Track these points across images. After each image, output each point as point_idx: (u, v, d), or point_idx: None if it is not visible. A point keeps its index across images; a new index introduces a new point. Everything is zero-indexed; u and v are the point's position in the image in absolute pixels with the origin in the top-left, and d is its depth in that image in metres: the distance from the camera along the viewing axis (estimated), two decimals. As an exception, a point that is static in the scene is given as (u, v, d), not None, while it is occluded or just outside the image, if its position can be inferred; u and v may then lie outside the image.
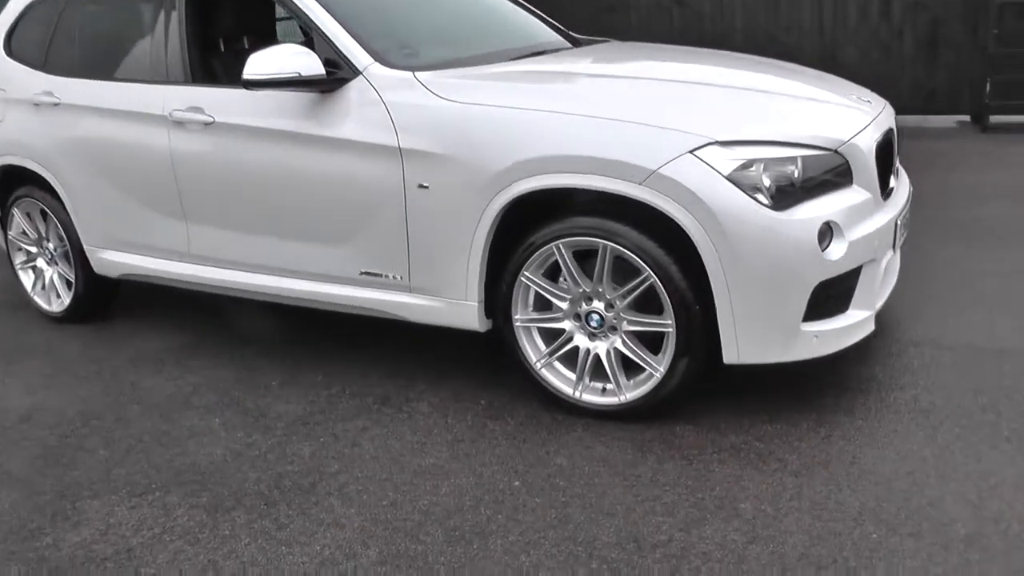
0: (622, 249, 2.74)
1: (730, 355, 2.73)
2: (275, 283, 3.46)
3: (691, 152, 2.62)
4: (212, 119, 3.36)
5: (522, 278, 2.94)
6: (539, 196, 2.86)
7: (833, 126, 2.87)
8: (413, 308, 3.20)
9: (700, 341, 2.76)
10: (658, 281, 2.72)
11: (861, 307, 2.85)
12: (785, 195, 2.65)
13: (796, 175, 2.67)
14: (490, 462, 2.77)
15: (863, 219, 2.82)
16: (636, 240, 2.72)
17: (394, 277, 3.19)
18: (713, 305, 2.70)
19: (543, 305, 3.04)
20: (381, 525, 2.48)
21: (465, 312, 3.09)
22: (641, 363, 2.86)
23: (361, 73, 3.11)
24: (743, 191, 2.60)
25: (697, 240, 2.63)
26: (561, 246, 2.84)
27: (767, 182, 2.64)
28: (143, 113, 3.54)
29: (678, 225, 2.67)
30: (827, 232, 2.68)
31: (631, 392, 2.90)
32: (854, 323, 2.82)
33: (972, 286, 3.96)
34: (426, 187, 2.99)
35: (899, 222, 3.05)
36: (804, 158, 2.70)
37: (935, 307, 3.72)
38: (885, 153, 3.06)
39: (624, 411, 2.92)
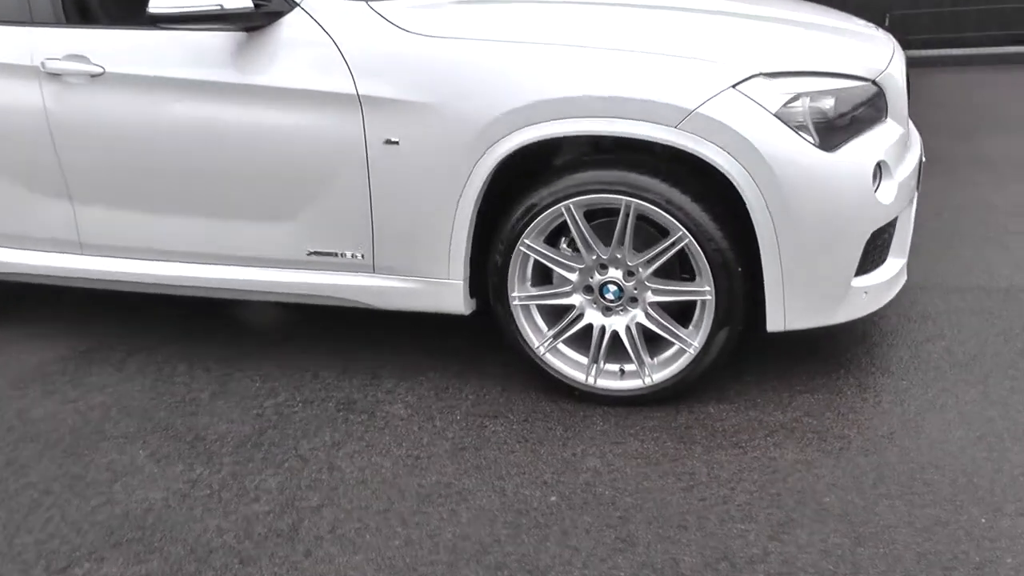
0: (650, 206, 2.30)
1: (775, 322, 2.36)
2: (194, 273, 2.80)
3: (734, 87, 2.20)
4: (101, 69, 2.62)
5: (521, 248, 2.45)
6: (539, 149, 2.37)
7: (868, 55, 2.52)
8: (379, 292, 2.64)
9: (741, 308, 2.37)
10: (694, 241, 2.30)
11: (897, 255, 2.55)
12: (830, 132, 2.28)
13: (841, 109, 2.30)
14: (509, 473, 2.29)
15: (902, 157, 2.51)
16: (666, 194, 2.29)
17: (353, 256, 2.61)
18: (753, 266, 2.32)
19: (540, 278, 2.57)
20: (403, 575, 1.96)
21: (447, 293, 2.57)
22: (671, 338, 2.44)
23: (298, 5, 2.47)
24: (792, 130, 2.21)
25: (744, 190, 2.22)
26: (572, 207, 2.36)
27: (813, 118, 2.26)
28: (2, 64, 2.74)
29: (712, 175, 2.26)
30: (876, 173, 2.34)
31: (658, 372, 2.48)
32: (895, 274, 2.51)
33: (947, 222, 3.80)
34: (395, 143, 2.42)
35: (922, 159, 2.77)
36: (848, 90, 2.33)
37: (922, 246, 3.52)
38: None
39: (649, 395, 2.51)
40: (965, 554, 1.90)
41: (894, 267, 2.51)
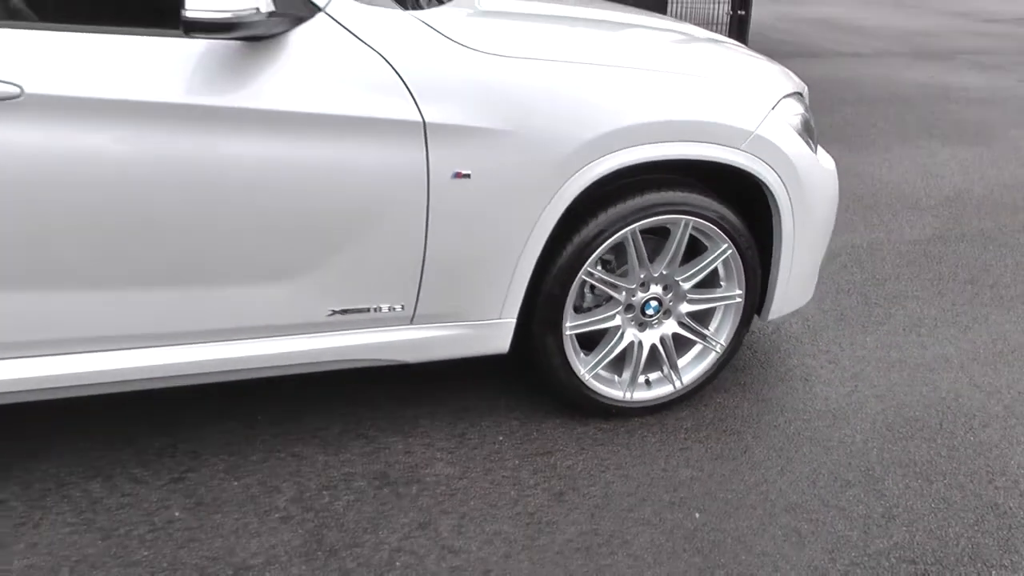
0: (705, 222, 2.43)
1: (777, 310, 2.70)
2: (159, 360, 2.09)
3: (772, 108, 2.44)
4: (19, 90, 1.77)
5: (583, 276, 2.38)
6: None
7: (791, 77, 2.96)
8: (416, 345, 2.31)
9: (755, 306, 2.66)
10: (736, 251, 2.51)
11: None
12: (810, 140, 2.67)
13: (808, 121, 2.70)
14: (638, 502, 2.26)
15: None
16: (719, 211, 2.45)
17: (390, 309, 2.24)
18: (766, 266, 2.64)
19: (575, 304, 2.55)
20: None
21: (494, 335, 2.38)
22: (701, 342, 2.62)
23: (321, 10, 2.00)
24: (804, 141, 2.55)
25: (778, 197, 2.47)
26: (636, 229, 2.38)
27: (804, 129, 2.62)
28: None
29: (738, 188, 2.50)
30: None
31: (688, 375, 2.65)
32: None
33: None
34: (466, 176, 2.14)
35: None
36: (806, 106, 2.74)
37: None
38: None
39: (677, 399, 2.67)
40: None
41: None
